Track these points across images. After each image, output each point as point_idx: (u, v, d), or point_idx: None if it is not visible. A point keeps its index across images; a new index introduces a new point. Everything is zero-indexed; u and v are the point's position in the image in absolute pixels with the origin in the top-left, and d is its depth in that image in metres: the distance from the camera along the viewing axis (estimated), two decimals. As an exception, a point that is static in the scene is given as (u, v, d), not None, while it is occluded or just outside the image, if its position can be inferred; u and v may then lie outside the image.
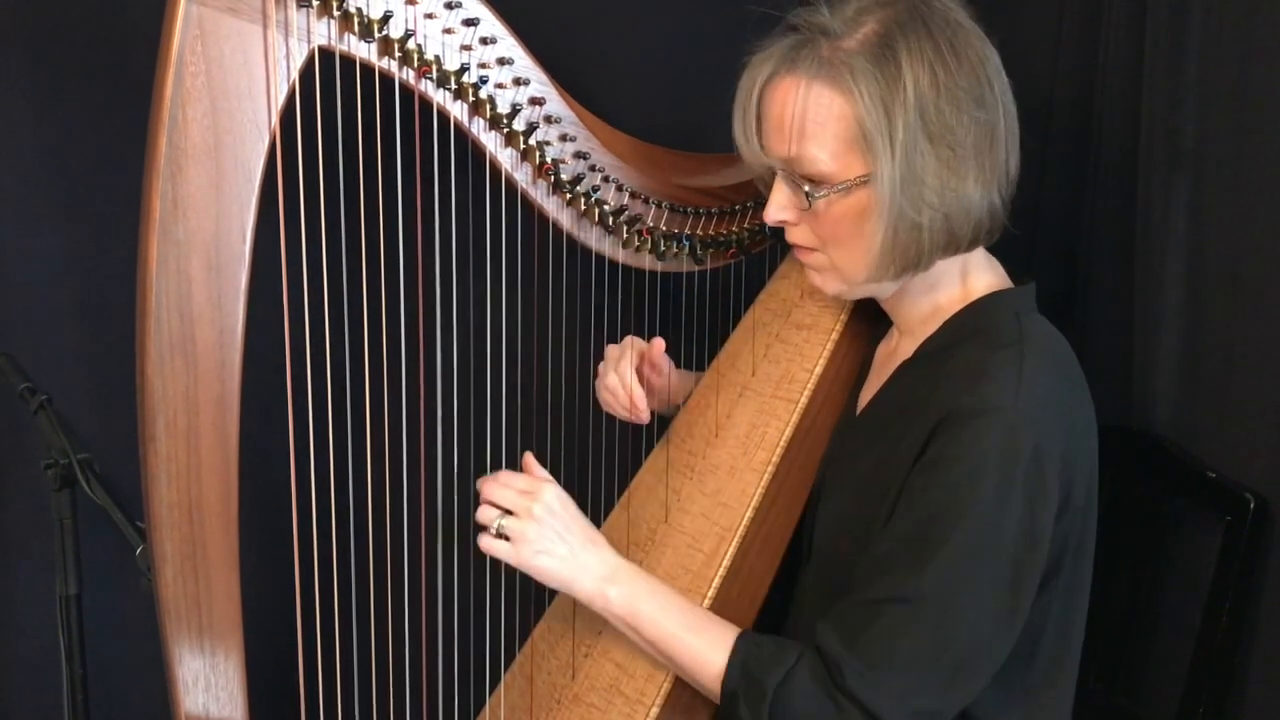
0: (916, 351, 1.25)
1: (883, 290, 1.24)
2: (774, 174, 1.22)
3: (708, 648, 1.17)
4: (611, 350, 1.42)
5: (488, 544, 1.20)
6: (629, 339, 1.42)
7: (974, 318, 1.22)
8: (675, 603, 1.21)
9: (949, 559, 1.09)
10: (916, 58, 1.11)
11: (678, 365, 1.53)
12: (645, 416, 1.40)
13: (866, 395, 1.33)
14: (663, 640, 1.19)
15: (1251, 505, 1.26)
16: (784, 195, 1.21)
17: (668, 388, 1.48)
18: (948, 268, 1.22)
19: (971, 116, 1.13)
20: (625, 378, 1.39)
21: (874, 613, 1.12)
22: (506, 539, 1.19)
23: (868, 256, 1.17)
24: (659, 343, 1.39)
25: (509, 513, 1.20)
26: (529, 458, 1.25)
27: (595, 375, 1.47)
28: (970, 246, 1.19)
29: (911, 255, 1.16)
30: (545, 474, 1.24)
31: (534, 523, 1.19)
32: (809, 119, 1.15)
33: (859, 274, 1.20)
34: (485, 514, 1.20)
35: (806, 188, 1.17)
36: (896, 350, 1.30)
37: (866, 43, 1.12)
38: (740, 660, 1.15)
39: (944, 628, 1.10)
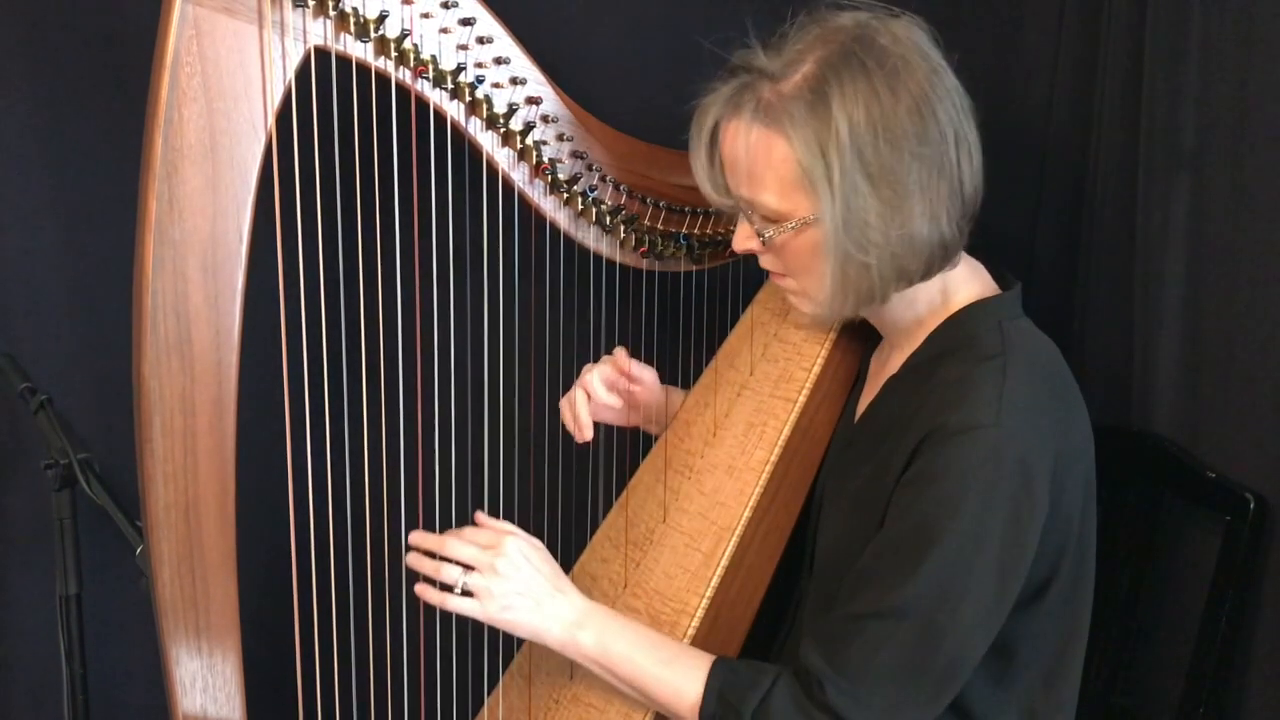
0: (902, 366, 1.25)
1: (859, 311, 1.24)
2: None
3: (682, 678, 1.17)
4: (588, 367, 1.41)
5: (454, 604, 1.18)
6: (617, 350, 1.41)
7: (955, 330, 1.21)
8: (646, 638, 1.21)
9: (932, 573, 1.09)
10: (850, 99, 1.09)
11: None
12: (583, 436, 1.37)
13: (863, 404, 1.32)
14: (636, 677, 1.18)
15: (1251, 505, 1.26)
16: (747, 227, 1.21)
17: (651, 403, 1.48)
18: (926, 282, 1.21)
19: (913, 153, 1.10)
20: (573, 396, 1.37)
21: (857, 628, 1.12)
22: (472, 595, 1.18)
23: (823, 290, 1.17)
24: (620, 352, 1.39)
25: (472, 570, 1.18)
26: (480, 515, 1.23)
27: None
28: (925, 277, 1.18)
29: (864, 290, 1.16)
30: (505, 525, 1.22)
31: (498, 578, 1.17)
32: (755, 163, 1.15)
33: (822, 302, 1.19)
34: (448, 572, 1.18)
35: (758, 226, 1.19)
36: (887, 363, 1.30)
37: (802, 86, 1.11)
38: (717, 687, 1.15)
39: (927, 641, 1.10)
